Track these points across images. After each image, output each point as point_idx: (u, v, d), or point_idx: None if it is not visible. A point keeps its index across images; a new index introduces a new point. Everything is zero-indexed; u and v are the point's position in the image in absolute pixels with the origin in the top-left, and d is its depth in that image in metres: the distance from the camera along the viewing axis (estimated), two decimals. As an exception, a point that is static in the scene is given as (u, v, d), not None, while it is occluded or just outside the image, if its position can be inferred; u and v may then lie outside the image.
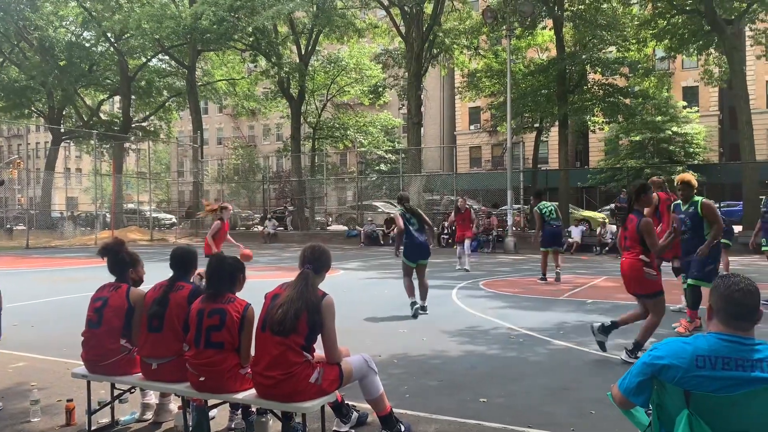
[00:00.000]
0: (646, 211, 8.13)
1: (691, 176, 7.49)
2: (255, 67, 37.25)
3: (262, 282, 11.27)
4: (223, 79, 38.50)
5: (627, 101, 28.17)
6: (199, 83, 37.10)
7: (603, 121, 29.87)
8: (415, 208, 9.14)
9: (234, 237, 10.29)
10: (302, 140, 36.42)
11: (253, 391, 3.72)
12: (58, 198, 42.00)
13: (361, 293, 11.26)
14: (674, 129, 35.84)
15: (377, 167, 44.35)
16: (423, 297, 8.85)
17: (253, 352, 3.74)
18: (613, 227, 21.38)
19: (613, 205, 26.61)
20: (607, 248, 20.59)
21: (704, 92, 42.07)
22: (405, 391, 5.06)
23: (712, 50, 25.60)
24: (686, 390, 2.30)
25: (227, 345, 3.73)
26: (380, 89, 34.51)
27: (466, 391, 5.08)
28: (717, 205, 17.27)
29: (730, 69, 23.59)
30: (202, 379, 3.74)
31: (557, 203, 15.77)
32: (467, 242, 15.13)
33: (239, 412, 4.23)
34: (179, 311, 3.97)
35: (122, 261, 4.35)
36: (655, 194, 9.41)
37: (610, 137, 39.07)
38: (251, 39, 31.02)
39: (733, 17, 23.41)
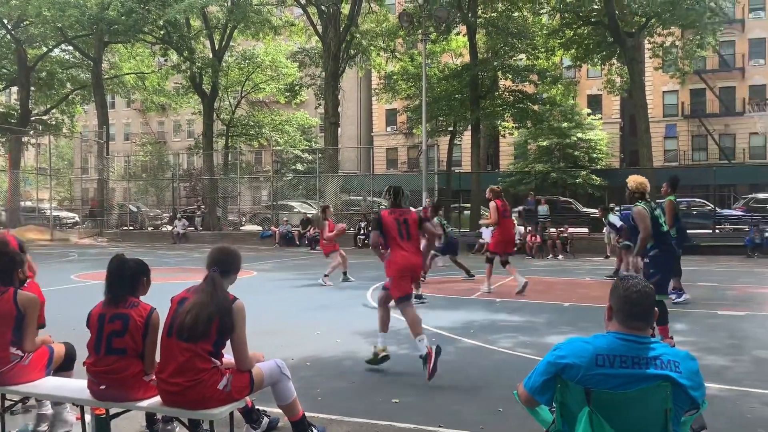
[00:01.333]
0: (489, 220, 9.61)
1: (630, 179, 7.05)
2: (166, 61, 35.88)
3: (169, 285, 10.88)
4: (131, 73, 36.90)
5: (535, 108, 29.20)
6: (106, 76, 35.40)
7: (513, 126, 30.84)
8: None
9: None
10: (215, 137, 35.48)
11: (158, 398, 3.57)
12: (-55, 194, 38.95)
13: (274, 295, 11.10)
14: (579, 135, 37.55)
15: (293, 167, 43.88)
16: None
17: (157, 358, 3.60)
18: (522, 228, 22.10)
19: (521, 208, 27.52)
20: (515, 249, 21.25)
21: (607, 100, 44.27)
22: (317, 394, 5.02)
23: (615, 61, 26.96)
24: (587, 388, 2.38)
25: (130, 351, 3.57)
26: (297, 88, 34.16)
27: (378, 392, 5.10)
28: (618, 209, 18.36)
29: (630, 79, 24.93)
30: (102, 387, 3.56)
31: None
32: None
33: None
34: None
35: (8, 262, 4.04)
36: (492, 202, 10.29)
37: (519, 142, 40.41)
38: (162, 32, 29.92)
39: (633, 30, 24.77)
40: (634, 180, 6.85)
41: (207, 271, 3.60)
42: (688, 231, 9.66)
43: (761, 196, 29.17)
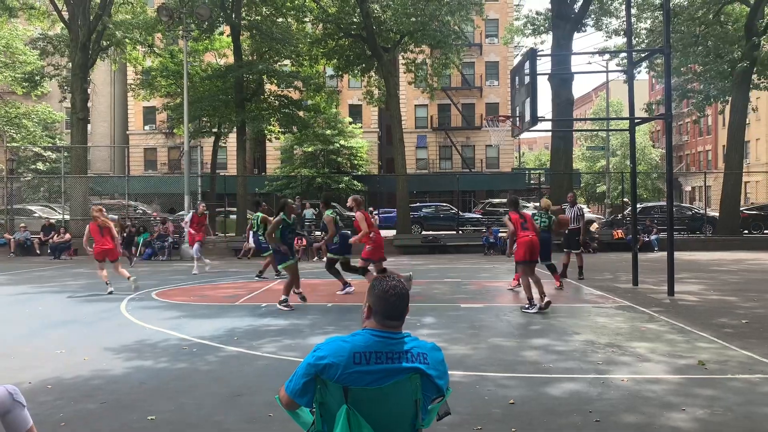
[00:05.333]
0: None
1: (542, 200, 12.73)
2: None
3: None
4: None
5: (301, 113, 29.70)
6: None
7: (279, 131, 31.02)
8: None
9: None
10: (-69, 130, 30.20)
11: None
12: None
13: (7, 311, 9.74)
14: (342, 142, 39.19)
15: (33, 166, 39.10)
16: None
17: None
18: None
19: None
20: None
21: (366, 111, 46.77)
22: (60, 420, 4.51)
23: (373, 73, 28.54)
24: (345, 386, 2.44)
25: None
26: (37, 78, 30.44)
27: (132, 410, 4.74)
28: (374, 211, 19.41)
29: (387, 92, 26.58)
30: None
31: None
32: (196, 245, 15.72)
33: None
34: None
35: None
36: (359, 212, 10.35)
37: (286, 147, 40.85)
38: None
39: (389, 46, 26.48)
40: (542, 201, 12.37)
41: None
42: (348, 239, 10.92)
43: (495, 201, 33.21)
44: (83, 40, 24.86)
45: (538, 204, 27.37)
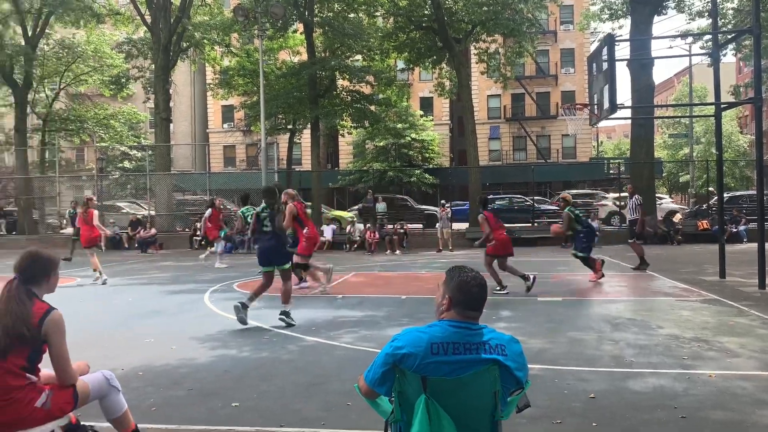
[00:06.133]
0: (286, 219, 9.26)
1: (564, 194, 12.96)
2: (-34, 46, 31.89)
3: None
4: None
5: (372, 108, 29.86)
6: None
7: (351, 126, 31.32)
8: (279, 208, 8.32)
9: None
10: (29, 133, 32.22)
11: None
12: None
13: (101, 302, 10.33)
14: (413, 135, 39.12)
15: (120, 164, 41.12)
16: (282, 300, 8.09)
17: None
18: (362, 226, 22.53)
19: (360, 205, 28.09)
20: (355, 245, 21.67)
21: (438, 103, 46.51)
22: (151, 405, 4.76)
23: (444, 65, 28.35)
24: (423, 376, 2.46)
25: None
26: (123, 80, 31.98)
27: (217, 397, 4.94)
28: (448, 205, 19.39)
29: (458, 83, 26.35)
30: None
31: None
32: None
33: None
34: None
35: None
36: (291, 204, 10.06)
37: (358, 141, 41.21)
38: (-39, 13, 26.54)
39: (460, 36, 26.24)
40: (564, 195, 12.67)
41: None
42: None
43: (573, 192, 32.34)
44: (165, 43, 25.92)
45: (607, 195, 26.52)
